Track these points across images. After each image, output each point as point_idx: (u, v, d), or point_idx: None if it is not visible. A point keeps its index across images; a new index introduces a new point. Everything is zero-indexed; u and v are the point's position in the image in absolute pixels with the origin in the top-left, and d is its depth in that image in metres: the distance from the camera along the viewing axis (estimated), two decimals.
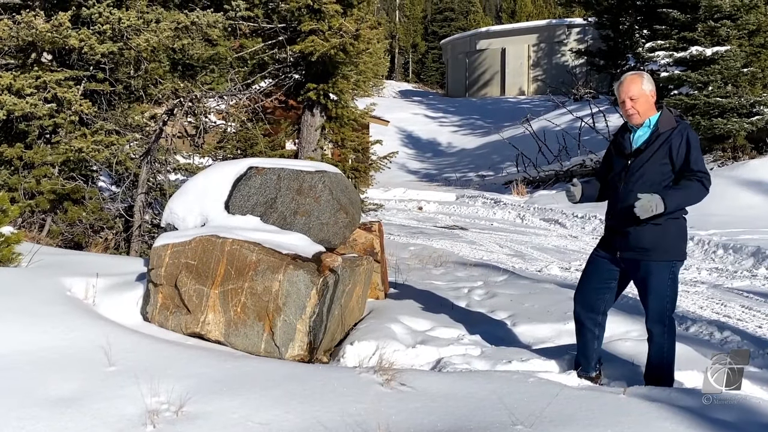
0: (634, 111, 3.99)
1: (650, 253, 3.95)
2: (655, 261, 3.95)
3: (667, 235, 3.93)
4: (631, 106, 4.00)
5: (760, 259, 8.87)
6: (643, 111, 3.99)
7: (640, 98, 3.98)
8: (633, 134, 4.07)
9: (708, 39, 15.61)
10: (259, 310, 4.35)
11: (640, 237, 3.95)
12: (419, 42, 67.06)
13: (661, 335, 4.02)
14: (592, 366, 4.31)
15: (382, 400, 3.28)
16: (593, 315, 4.25)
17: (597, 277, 4.24)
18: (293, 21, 10.14)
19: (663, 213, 3.78)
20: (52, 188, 7.36)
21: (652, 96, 4.01)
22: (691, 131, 3.92)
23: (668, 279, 3.98)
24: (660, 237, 3.92)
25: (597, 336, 4.29)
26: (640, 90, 3.98)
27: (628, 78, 4.05)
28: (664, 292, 3.99)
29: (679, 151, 3.87)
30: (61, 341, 3.75)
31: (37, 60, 7.46)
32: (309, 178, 5.12)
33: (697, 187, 3.83)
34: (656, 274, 3.97)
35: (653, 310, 4.03)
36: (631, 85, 4.00)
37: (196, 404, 3.18)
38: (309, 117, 10.81)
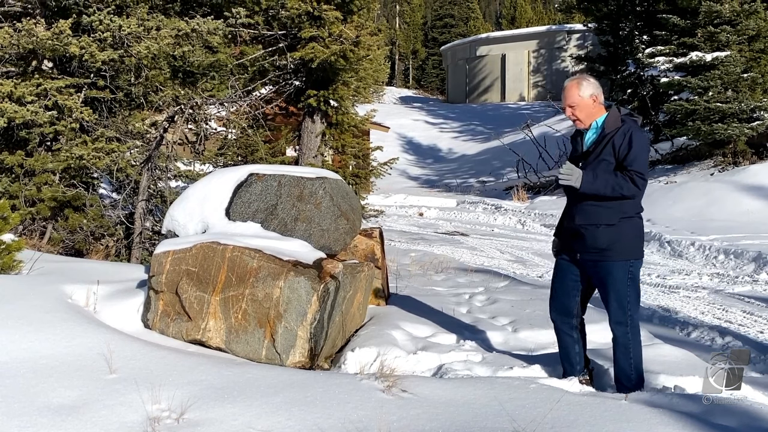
0: (575, 117, 4.06)
1: (607, 253, 3.98)
2: (613, 261, 3.99)
3: (623, 234, 3.96)
4: (571, 113, 4.07)
5: (761, 265, 8.86)
6: (584, 116, 4.04)
7: (578, 105, 4.03)
8: (584, 136, 4.12)
9: (708, 44, 15.64)
10: (260, 316, 4.35)
11: (597, 237, 3.98)
12: (419, 48, 67.17)
13: (625, 335, 4.04)
14: (577, 370, 4.31)
15: (383, 406, 3.28)
16: (568, 319, 4.27)
17: (565, 281, 4.26)
18: (293, 28, 10.18)
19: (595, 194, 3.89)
20: (53, 195, 7.37)
21: (594, 99, 4.03)
22: (637, 131, 3.93)
23: (627, 279, 4.01)
24: (616, 237, 3.95)
25: (576, 340, 4.31)
26: (578, 97, 4.02)
27: (567, 85, 4.11)
28: (624, 291, 4.02)
29: (620, 150, 3.90)
30: (62, 349, 3.75)
31: (37, 67, 7.47)
32: (310, 185, 5.12)
33: (624, 182, 3.85)
34: (614, 274, 4.00)
35: (614, 310, 4.06)
36: (568, 93, 4.06)
37: (197, 411, 3.18)
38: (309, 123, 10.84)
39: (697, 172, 16.09)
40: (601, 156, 3.95)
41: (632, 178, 3.83)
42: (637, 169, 3.84)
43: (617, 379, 4.12)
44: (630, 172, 3.84)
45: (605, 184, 3.87)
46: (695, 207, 13.83)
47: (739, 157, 15.71)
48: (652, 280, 8.57)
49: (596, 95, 4.03)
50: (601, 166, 3.94)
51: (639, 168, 3.85)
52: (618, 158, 3.90)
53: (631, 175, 3.83)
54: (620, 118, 4.00)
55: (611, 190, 3.86)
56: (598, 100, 4.04)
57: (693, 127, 15.48)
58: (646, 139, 3.97)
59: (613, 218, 3.93)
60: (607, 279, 4.03)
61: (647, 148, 3.97)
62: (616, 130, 3.94)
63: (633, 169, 3.84)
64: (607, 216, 3.94)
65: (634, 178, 3.83)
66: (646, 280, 8.60)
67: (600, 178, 3.88)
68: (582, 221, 4.03)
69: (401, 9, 69.00)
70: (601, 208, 3.95)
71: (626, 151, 3.87)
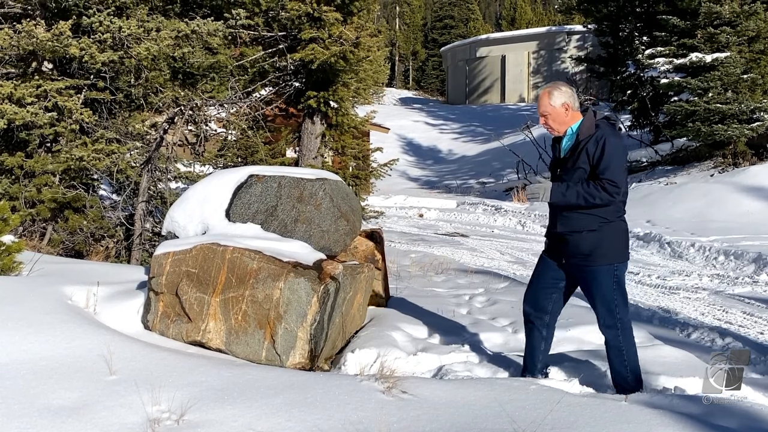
0: (548, 126, 4.11)
1: (590, 258, 4.00)
2: (597, 265, 4.00)
3: (605, 238, 3.98)
4: (544, 122, 4.12)
5: (761, 266, 8.86)
6: (557, 125, 4.08)
7: (550, 114, 4.06)
8: (562, 143, 4.16)
9: (708, 45, 15.64)
10: (260, 317, 4.35)
11: (579, 243, 4.02)
12: (419, 49, 67.19)
13: (616, 338, 4.06)
14: (537, 369, 4.33)
15: (383, 407, 3.28)
16: (541, 314, 4.29)
17: (545, 277, 4.28)
18: (293, 29, 10.18)
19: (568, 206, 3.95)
20: (53, 197, 7.37)
21: (567, 108, 4.05)
22: (610, 138, 3.92)
23: (612, 282, 4.01)
24: (597, 241, 3.97)
25: (545, 337, 4.33)
26: (549, 106, 4.05)
27: (540, 93, 4.15)
28: (611, 295, 4.02)
29: (594, 158, 3.92)
30: (62, 350, 3.75)
31: (37, 69, 7.47)
32: (310, 186, 5.12)
33: (596, 191, 3.87)
34: (599, 278, 4.02)
35: (602, 314, 4.07)
36: (540, 102, 4.10)
37: (197, 413, 3.17)
38: (309, 125, 10.83)
39: (697, 173, 16.09)
40: (577, 164, 3.98)
41: (604, 186, 3.85)
42: (609, 177, 3.85)
43: (615, 383, 4.14)
44: (602, 181, 3.86)
45: (577, 195, 3.90)
46: (695, 208, 13.83)
47: (739, 158, 15.71)
48: (652, 281, 8.57)
49: (568, 103, 4.05)
50: (577, 173, 3.97)
51: (611, 176, 3.85)
52: (592, 165, 3.92)
53: (603, 184, 3.85)
54: (595, 123, 4.00)
55: (584, 200, 3.90)
56: (570, 107, 4.06)
57: (693, 128, 15.49)
58: (620, 145, 3.95)
59: (594, 224, 3.96)
60: (592, 284, 4.05)
61: (621, 155, 3.96)
62: (590, 137, 3.95)
63: (605, 177, 3.86)
64: (587, 222, 3.97)
65: (606, 187, 3.84)
66: (646, 281, 8.61)
67: (571, 189, 3.92)
68: (563, 229, 4.08)
69: (401, 10, 69.03)
70: (582, 215, 3.98)
71: (599, 159, 3.89)
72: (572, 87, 4.16)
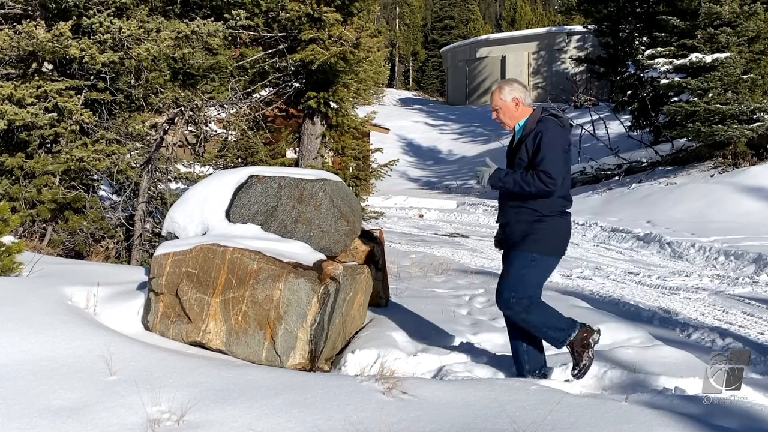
0: (499, 120, 4.29)
1: (517, 245, 4.15)
2: (518, 250, 4.14)
3: (535, 230, 4.09)
4: (496, 116, 4.30)
5: (761, 266, 8.86)
6: (508, 119, 4.25)
7: (501, 108, 4.24)
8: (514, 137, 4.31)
9: (708, 46, 15.65)
10: (260, 318, 4.34)
11: (513, 232, 4.20)
12: (419, 50, 67.20)
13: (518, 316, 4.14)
14: (526, 370, 4.35)
15: (383, 408, 3.27)
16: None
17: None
18: (293, 30, 10.18)
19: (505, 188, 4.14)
20: (53, 197, 7.37)
21: (517, 102, 4.21)
22: (548, 132, 4.03)
23: (523, 267, 4.10)
24: (527, 231, 4.11)
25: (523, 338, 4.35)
26: (500, 100, 4.23)
27: (494, 89, 4.31)
28: (516, 274, 4.11)
29: (531, 152, 4.05)
30: (62, 351, 3.74)
31: (38, 70, 7.47)
32: (310, 187, 5.12)
33: (531, 179, 3.98)
34: (513, 260, 4.16)
35: (500, 292, 4.17)
36: (492, 97, 4.32)
37: (197, 413, 3.17)
38: (309, 125, 10.84)
39: (697, 173, 16.09)
40: (518, 157, 4.15)
41: (539, 176, 3.96)
42: (544, 169, 3.96)
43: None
44: (537, 171, 3.97)
45: (513, 182, 4.06)
46: (695, 208, 13.83)
47: (739, 158, 15.71)
48: (653, 282, 8.57)
49: (518, 98, 4.21)
50: (518, 167, 4.12)
51: (545, 167, 3.96)
52: (530, 159, 4.06)
53: (538, 174, 3.96)
54: (538, 119, 4.13)
55: (519, 187, 4.04)
56: (521, 102, 4.22)
57: (693, 128, 15.49)
58: (557, 140, 4.05)
59: (528, 216, 4.11)
60: (507, 264, 4.22)
61: (558, 148, 4.04)
62: (531, 132, 4.09)
63: (540, 168, 3.97)
64: (524, 215, 4.12)
65: (541, 177, 3.95)
66: (647, 281, 8.61)
67: (509, 176, 4.09)
68: (503, 219, 4.28)
69: (401, 11, 69.04)
70: (521, 208, 4.13)
71: (536, 152, 4.02)
72: (524, 84, 4.34)
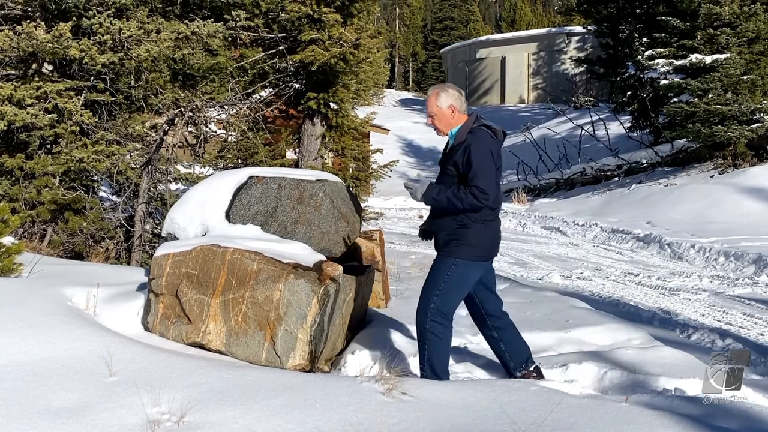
0: (434, 127, 4.24)
1: (444, 248, 4.18)
2: (441, 255, 4.19)
3: (458, 236, 4.10)
4: (431, 122, 4.24)
5: (761, 267, 8.86)
6: (443, 126, 4.20)
7: (437, 115, 4.19)
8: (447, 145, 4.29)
9: (708, 46, 15.64)
10: (260, 319, 4.34)
11: (439, 239, 4.23)
12: (419, 51, 67.21)
13: (422, 325, 4.15)
14: (511, 367, 4.37)
15: (383, 409, 3.27)
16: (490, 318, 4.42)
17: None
18: (293, 31, 10.19)
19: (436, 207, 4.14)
20: (53, 198, 7.37)
21: (453, 110, 4.16)
22: (477, 145, 4.00)
23: (445, 273, 4.12)
24: (451, 237, 4.13)
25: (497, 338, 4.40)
26: (436, 107, 4.18)
27: (429, 94, 4.26)
28: (438, 283, 4.14)
29: (462, 167, 4.02)
30: (62, 351, 3.74)
31: (37, 70, 7.47)
32: (310, 187, 5.12)
33: (465, 196, 3.97)
34: (435, 265, 4.20)
35: (421, 298, 4.21)
36: (429, 102, 4.23)
37: (197, 414, 3.17)
38: (309, 126, 10.84)
39: (697, 174, 16.09)
40: (446, 168, 4.13)
41: (473, 192, 3.94)
42: (477, 184, 3.94)
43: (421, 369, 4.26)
44: (472, 188, 3.95)
45: (447, 200, 4.04)
46: (695, 209, 13.83)
47: (739, 159, 15.71)
48: (653, 282, 8.57)
49: (454, 105, 4.17)
50: (447, 178, 4.12)
51: (478, 183, 3.94)
52: (460, 173, 4.03)
53: (472, 190, 3.95)
54: (470, 129, 4.10)
55: (452, 205, 4.02)
56: (456, 110, 4.17)
57: (693, 129, 15.49)
58: (485, 154, 4.01)
59: (453, 224, 4.11)
60: (430, 270, 4.23)
61: (487, 161, 4.01)
62: (461, 144, 4.05)
63: (474, 184, 3.95)
64: (448, 223, 4.13)
65: (475, 193, 3.94)
66: (647, 282, 8.61)
67: (442, 193, 4.06)
68: (430, 226, 4.32)
69: (401, 12, 69.06)
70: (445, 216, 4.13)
71: (468, 168, 3.99)
72: (460, 90, 4.28)
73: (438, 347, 4.15)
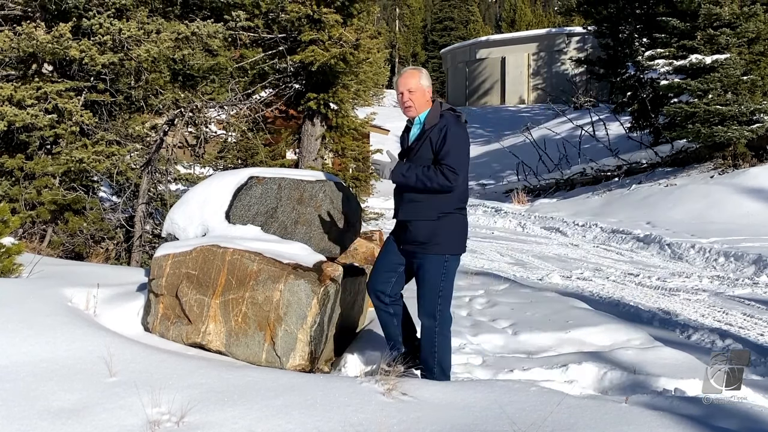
0: (411, 103, 4.15)
1: (425, 246, 4.11)
2: (430, 254, 4.11)
3: (440, 229, 4.08)
4: (408, 98, 4.15)
5: (761, 267, 8.86)
6: (418, 105, 4.14)
7: (417, 91, 4.13)
8: (411, 132, 4.24)
9: (708, 47, 15.64)
10: (260, 319, 4.35)
11: (417, 231, 4.12)
12: (419, 51, 67.20)
13: (431, 329, 4.14)
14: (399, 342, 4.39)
15: (383, 409, 3.27)
16: (381, 296, 4.35)
17: (387, 260, 4.34)
18: (293, 31, 10.19)
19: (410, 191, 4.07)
20: (53, 199, 7.37)
21: (429, 92, 4.18)
22: (453, 126, 4.03)
23: (441, 273, 4.11)
24: (433, 231, 4.07)
25: (394, 314, 4.38)
26: (418, 84, 4.14)
27: (407, 72, 4.23)
28: (437, 285, 4.11)
29: (436, 146, 4.02)
30: (62, 352, 3.74)
31: (37, 71, 7.48)
32: (310, 188, 5.12)
33: (434, 175, 3.96)
34: (429, 267, 4.12)
35: (425, 302, 4.15)
36: (409, 78, 4.16)
37: (197, 415, 3.17)
38: (309, 126, 10.83)
39: (696, 174, 16.09)
40: (419, 153, 4.09)
41: (443, 171, 3.94)
42: (449, 163, 3.94)
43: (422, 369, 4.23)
44: (442, 166, 3.95)
45: (416, 178, 4.00)
46: (695, 209, 13.83)
47: (739, 159, 15.70)
48: (653, 283, 8.57)
49: (430, 89, 4.20)
50: (421, 162, 4.06)
51: (451, 162, 3.95)
52: (434, 153, 4.02)
53: (442, 169, 3.95)
54: (440, 113, 4.11)
55: (421, 183, 3.99)
56: (429, 93, 4.19)
57: (693, 129, 15.49)
58: (462, 135, 4.05)
59: (432, 214, 4.07)
60: (421, 271, 4.15)
61: (463, 144, 4.05)
62: (434, 126, 4.06)
63: (444, 162, 3.95)
64: (425, 211, 4.08)
65: (445, 171, 3.94)
66: (647, 282, 8.61)
67: (411, 170, 4.02)
68: (403, 216, 4.19)
69: (401, 12, 69.08)
70: (420, 204, 4.09)
71: (441, 146, 3.99)
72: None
73: (448, 347, 4.19)
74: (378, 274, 4.36)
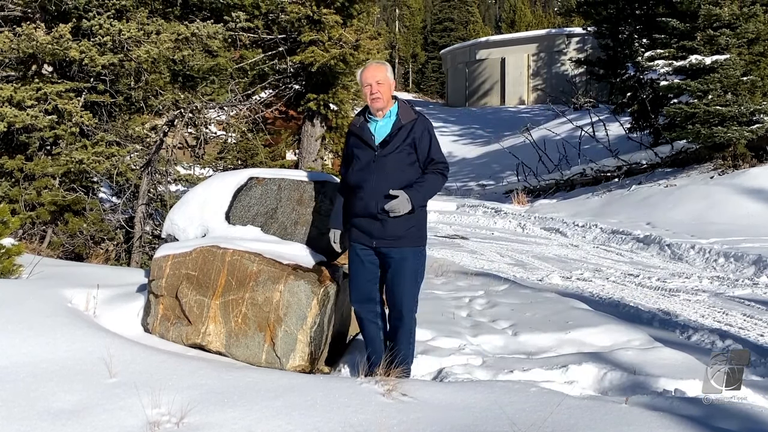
0: (380, 95, 4.14)
1: (405, 240, 4.14)
2: (409, 246, 4.15)
3: (418, 222, 4.16)
4: (377, 90, 4.14)
5: (761, 268, 8.85)
6: (386, 97, 4.17)
7: (384, 84, 4.16)
8: (374, 126, 4.22)
9: (707, 47, 15.63)
10: (260, 320, 4.35)
11: (396, 225, 4.11)
12: (419, 52, 67.20)
13: (411, 321, 4.22)
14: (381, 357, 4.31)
15: (383, 410, 3.27)
16: (371, 305, 4.34)
17: (364, 268, 4.29)
18: (293, 32, 10.20)
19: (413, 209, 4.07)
20: (53, 200, 7.37)
21: (393, 87, 4.25)
22: (429, 123, 4.20)
23: (420, 264, 4.21)
24: (413, 224, 4.14)
25: (381, 327, 4.37)
26: (386, 76, 4.18)
27: (374, 65, 4.28)
28: (416, 277, 4.20)
29: (422, 142, 4.11)
30: (62, 353, 3.74)
31: (37, 72, 7.48)
32: (310, 188, 5.12)
33: (437, 179, 4.14)
34: (412, 259, 4.17)
35: (405, 295, 4.17)
36: (377, 71, 4.19)
37: (197, 415, 3.17)
38: (309, 127, 10.84)
39: (696, 175, 16.08)
40: (400, 147, 4.11)
41: (441, 171, 4.12)
42: (442, 160, 4.15)
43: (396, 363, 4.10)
44: (437, 165, 4.11)
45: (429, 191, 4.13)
46: (695, 210, 13.82)
47: (739, 160, 15.69)
48: (652, 284, 8.57)
49: (394, 83, 4.28)
50: (401, 156, 4.10)
51: (442, 158, 4.17)
52: (419, 151, 4.12)
53: (440, 169, 4.12)
54: (413, 109, 4.22)
55: (436, 190, 4.19)
56: (393, 88, 4.27)
57: (693, 130, 15.48)
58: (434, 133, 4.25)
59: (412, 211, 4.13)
60: (404, 264, 4.15)
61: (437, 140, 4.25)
62: (414, 122, 4.14)
63: (438, 160, 4.12)
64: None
65: (443, 172, 4.14)
66: (646, 283, 8.60)
67: (424, 188, 4.10)
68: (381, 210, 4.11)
69: (401, 13, 69.08)
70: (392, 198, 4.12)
71: (428, 146, 4.11)
72: None
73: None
74: (359, 286, 4.32)
